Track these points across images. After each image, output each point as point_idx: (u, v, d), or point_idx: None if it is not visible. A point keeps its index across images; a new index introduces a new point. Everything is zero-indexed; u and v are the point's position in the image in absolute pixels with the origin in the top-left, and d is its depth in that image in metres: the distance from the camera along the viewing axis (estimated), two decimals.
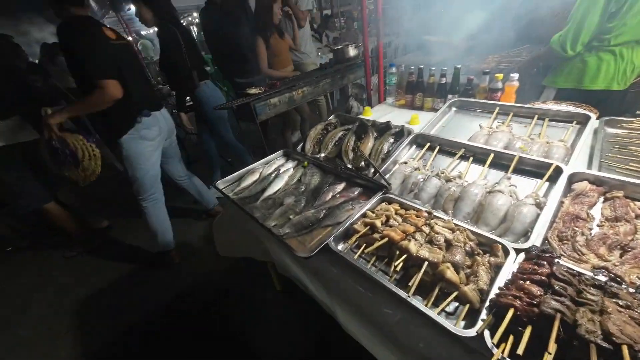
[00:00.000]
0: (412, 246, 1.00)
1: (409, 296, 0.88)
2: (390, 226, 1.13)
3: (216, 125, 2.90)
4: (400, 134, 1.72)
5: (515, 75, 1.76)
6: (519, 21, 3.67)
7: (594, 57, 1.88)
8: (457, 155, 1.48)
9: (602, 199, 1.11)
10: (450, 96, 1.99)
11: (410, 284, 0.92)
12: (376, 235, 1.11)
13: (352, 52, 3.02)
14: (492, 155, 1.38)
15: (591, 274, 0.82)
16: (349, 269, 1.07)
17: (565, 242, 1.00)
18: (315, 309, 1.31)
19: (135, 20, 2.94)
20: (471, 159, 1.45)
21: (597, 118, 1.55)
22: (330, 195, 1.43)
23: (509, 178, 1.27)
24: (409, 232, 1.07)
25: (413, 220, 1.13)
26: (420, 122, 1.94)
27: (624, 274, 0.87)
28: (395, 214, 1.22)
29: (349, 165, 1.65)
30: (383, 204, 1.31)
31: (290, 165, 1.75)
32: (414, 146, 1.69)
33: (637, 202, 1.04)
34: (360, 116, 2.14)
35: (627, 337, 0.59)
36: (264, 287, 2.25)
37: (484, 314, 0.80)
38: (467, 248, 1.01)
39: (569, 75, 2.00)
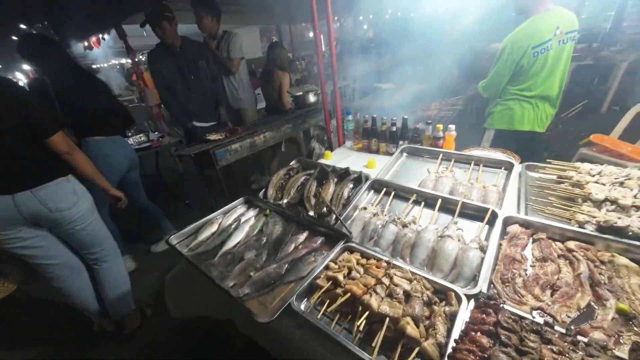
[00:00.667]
0: (374, 301, 1.01)
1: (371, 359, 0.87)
2: (353, 278, 1.14)
3: (124, 188, 2.28)
4: (359, 179, 1.81)
5: (453, 126, 2.02)
6: (463, 70, 4.33)
7: (517, 104, 2.29)
8: (411, 200, 1.59)
9: (531, 240, 1.26)
10: (401, 142, 2.19)
11: (373, 344, 0.92)
12: (339, 290, 1.10)
13: (312, 98, 3.22)
14: (440, 200, 1.51)
15: (530, 318, 0.90)
16: (312, 330, 1.03)
17: (507, 284, 1.10)
18: None
19: None
20: (423, 203, 1.57)
21: (520, 162, 1.82)
22: (292, 246, 1.41)
23: (456, 222, 1.39)
24: (370, 285, 1.09)
25: (374, 272, 1.15)
26: (377, 165, 2.07)
27: (556, 313, 0.97)
28: (357, 264, 1.24)
29: (311, 213, 1.66)
30: (345, 253, 1.32)
31: (251, 213, 1.71)
32: (372, 191, 1.79)
33: (557, 243, 1.21)
34: (321, 160, 2.23)
35: None
36: (224, 344, 2.04)
37: None
38: (424, 298, 1.05)
39: (502, 119, 2.39)
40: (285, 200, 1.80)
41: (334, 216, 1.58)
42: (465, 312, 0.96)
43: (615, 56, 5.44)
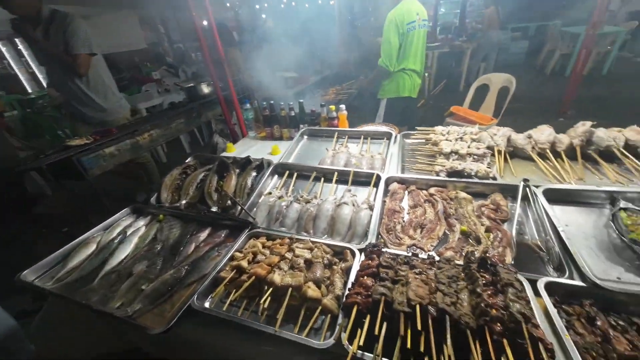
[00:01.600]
0: (277, 277, 1.03)
1: (275, 330, 0.89)
2: (258, 262, 1.14)
3: None
4: (261, 166, 1.80)
5: (343, 106, 2.21)
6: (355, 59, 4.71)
7: (400, 77, 2.84)
8: (312, 178, 1.68)
9: (406, 193, 1.51)
10: (301, 126, 2.27)
11: (278, 316, 0.94)
12: (244, 277, 1.09)
13: (205, 89, 2.98)
14: (336, 173, 1.65)
15: (404, 254, 1.09)
16: (221, 324, 0.99)
17: (390, 232, 1.30)
18: None
19: None
20: (322, 179, 1.68)
21: (399, 132, 2.13)
22: (193, 246, 1.30)
23: (350, 190, 1.54)
24: (275, 263, 1.11)
25: (278, 250, 1.18)
26: (281, 151, 2.09)
27: (424, 245, 1.20)
28: (263, 247, 1.24)
29: (214, 208, 1.57)
30: (251, 240, 1.31)
31: (141, 222, 1.49)
32: (276, 175, 1.80)
33: (424, 191, 1.48)
34: (224, 154, 2.11)
35: (419, 298, 0.81)
36: None
37: (340, 318, 0.91)
38: (325, 261, 1.14)
39: (391, 89, 2.94)
40: (183, 201, 1.64)
41: (239, 207, 1.53)
42: (357, 265, 1.09)
43: (463, 45, 6.90)
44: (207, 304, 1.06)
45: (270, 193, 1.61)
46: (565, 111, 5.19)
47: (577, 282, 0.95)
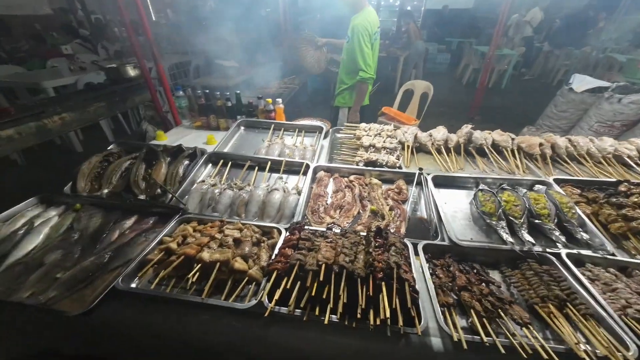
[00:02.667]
0: (205, 254, 1.11)
1: (202, 299, 0.99)
2: (187, 244, 1.20)
3: None
4: (194, 155, 1.81)
5: (280, 100, 2.32)
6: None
7: (366, 86, 2.81)
8: (246, 167, 1.77)
9: (331, 179, 1.73)
10: (239, 117, 2.31)
11: (205, 287, 1.04)
12: (173, 258, 1.14)
13: (131, 71, 2.74)
14: (269, 162, 1.77)
15: (323, 229, 1.28)
16: (150, 303, 1.03)
17: (314, 213, 1.49)
18: None
19: None
20: (257, 168, 1.78)
21: (331, 127, 2.35)
22: (117, 233, 1.28)
23: (281, 178, 1.68)
24: (204, 243, 1.19)
25: (208, 232, 1.25)
26: (216, 141, 2.11)
27: (341, 223, 1.42)
28: (194, 231, 1.30)
29: (142, 196, 1.54)
30: (182, 225, 1.34)
31: (53, 212, 1.38)
32: (210, 164, 1.83)
33: (345, 178, 1.71)
34: (153, 142, 2.02)
35: (325, 259, 1.01)
36: None
37: (263, 284, 1.05)
38: (254, 240, 1.26)
39: (352, 99, 2.89)
40: (105, 191, 1.56)
41: (169, 195, 1.54)
42: (281, 241, 1.24)
43: (397, 51, 7.63)
44: (133, 285, 1.08)
45: (203, 181, 1.65)
46: (473, 116, 6.26)
47: (445, 243, 1.28)
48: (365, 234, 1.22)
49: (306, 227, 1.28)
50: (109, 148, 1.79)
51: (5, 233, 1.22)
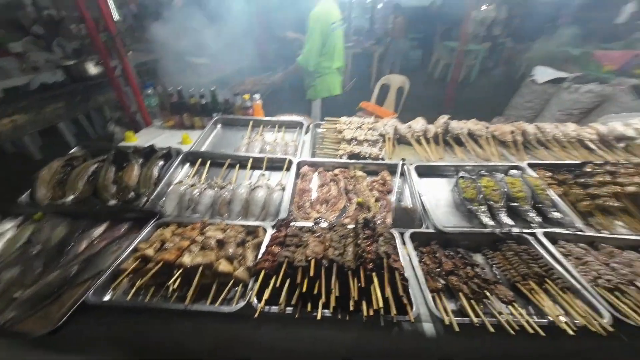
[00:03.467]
0: (186, 259, 1.05)
1: (186, 306, 0.93)
2: (166, 249, 1.12)
3: None
4: (169, 155, 1.70)
5: (257, 96, 2.25)
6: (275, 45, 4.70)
7: (330, 76, 3.04)
8: (226, 165, 1.70)
9: (315, 174, 1.70)
10: (215, 114, 2.21)
11: (188, 293, 0.97)
12: (151, 265, 1.06)
13: (93, 69, 2.54)
14: (251, 160, 1.71)
15: (310, 224, 1.26)
16: (127, 315, 0.95)
17: (300, 209, 1.46)
18: None
19: None
20: (237, 165, 1.72)
21: (311, 123, 2.32)
22: (85, 244, 1.17)
23: (264, 174, 1.63)
24: (184, 247, 1.12)
25: (188, 235, 1.18)
26: (192, 140, 2.00)
27: (328, 217, 1.40)
28: (173, 235, 1.22)
29: (113, 201, 1.42)
30: (159, 230, 1.26)
31: (8, 225, 1.24)
32: (187, 164, 1.74)
33: (329, 172, 1.69)
34: (122, 144, 1.89)
35: (314, 254, 0.98)
36: None
37: (251, 285, 1.01)
38: (238, 240, 1.21)
39: (323, 89, 3.09)
40: (70, 197, 1.42)
41: (144, 198, 1.44)
42: (267, 239, 1.20)
43: (372, 47, 7.72)
44: (106, 298, 0.99)
45: (181, 182, 1.56)
46: (446, 110, 6.49)
47: (430, 230, 1.30)
48: (353, 226, 1.21)
49: (292, 223, 1.25)
50: (71, 151, 1.64)
51: None
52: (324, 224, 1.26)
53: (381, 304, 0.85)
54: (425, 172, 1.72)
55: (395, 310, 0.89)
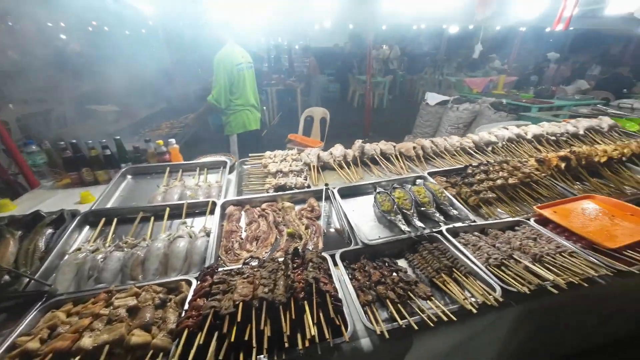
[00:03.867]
0: (87, 341, 0.87)
1: None
2: (58, 335, 0.92)
3: None
4: (61, 219, 1.45)
5: (173, 140, 2.15)
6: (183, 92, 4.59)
7: (243, 113, 3.28)
8: (138, 220, 1.52)
9: (243, 212, 1.67)
10: (123, 165, 2.00)
11: None
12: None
13: None
14: (168, 209, 1.58)
15: (238, 266, 1.20)
16: None
17: (229, 252, 1.39)
18: None
19: None
20: (152, 218, 1.56)
21: (236, 160, 2.31)
22: None
23: (185, 222, 1.52)
24: (84, 326, 0.93)
25: (89, 310, 1.00)
26: (94, 197, 1.75)
27: (260, 254, 1.37)
28: (68, 316, 1.01)
29: None
30: (48, 314, 1.03)
31: None
32: (87, 227, 1.50)
33: (257, 208, 1.68)
34: None
35: (242, 297, 0.94)
36: None
37: (173, 350, 0.89)
38: (157, 302, 1.07)
39: (238, 125, 3.29)
40: None
41: (26, 279, 1.16)
42: (191, 293, 1.09)
43: (294, 84, 8.29)
44: None
45: (79, 249, 1.32)
46: (367, 133, 7.28)
47: (359, 246, 1.39)
48: (283, 258, 1.21)
49: (220, 269, 1.17)
50: None
51: None
52: (254, 263, 1.22)
53: (313, 332, 0.85)
54: (348, 193, 1.86)
55: (330, 334, 0.89)
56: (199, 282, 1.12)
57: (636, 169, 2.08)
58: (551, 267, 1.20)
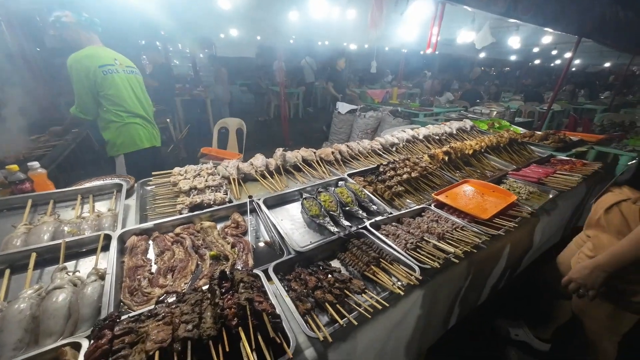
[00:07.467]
0: None
1: None
2: None
3: None
4: None
5: (36, 164, 1.63)
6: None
7: (132, 128, 2.58)
8: None
9: (151, 241, 1.39)
10: None
11: None
12: None
13: None
14: (34, 254, 1.17)
15: (149, 308, 0.98)
16: None
17: (134, 293, 1.12)
18: None
19: None
20: (8, 270, 1.13)
21: (136, 182, 1.93)
22: None
23: (64, 268, 1.16)
24: None
25: None
26: None
27: (177, 287, 1.16)
28: None
29: None
30: None
31: None
32: None
33: (168, 234, 1.44)
34: None
35: (158, 344, 0.76)
36: None
37: None
38: None
39: (124, 144, 2.57)
40: None
41: None
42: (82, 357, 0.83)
43: (202, 94, 7.67)
44: None
45: None
46: (288, 143, 7.35)
47: (291, 255, 1.34)
48: (208, 286, 1.05)
49: (123, 316, 0.93)
50: None
51: None
52: (172, 299, 1.02)
53: (252, 358, 0.76)
54: (274, 202, 1.80)
55: (271, 356, 0.82)
56: (92, 342, 0.86)
57: (490, 157, 2.76)
58: (451, 242, 1.44)
